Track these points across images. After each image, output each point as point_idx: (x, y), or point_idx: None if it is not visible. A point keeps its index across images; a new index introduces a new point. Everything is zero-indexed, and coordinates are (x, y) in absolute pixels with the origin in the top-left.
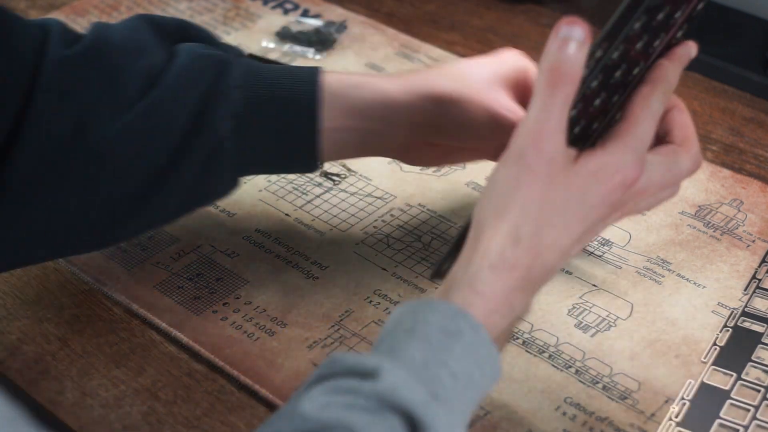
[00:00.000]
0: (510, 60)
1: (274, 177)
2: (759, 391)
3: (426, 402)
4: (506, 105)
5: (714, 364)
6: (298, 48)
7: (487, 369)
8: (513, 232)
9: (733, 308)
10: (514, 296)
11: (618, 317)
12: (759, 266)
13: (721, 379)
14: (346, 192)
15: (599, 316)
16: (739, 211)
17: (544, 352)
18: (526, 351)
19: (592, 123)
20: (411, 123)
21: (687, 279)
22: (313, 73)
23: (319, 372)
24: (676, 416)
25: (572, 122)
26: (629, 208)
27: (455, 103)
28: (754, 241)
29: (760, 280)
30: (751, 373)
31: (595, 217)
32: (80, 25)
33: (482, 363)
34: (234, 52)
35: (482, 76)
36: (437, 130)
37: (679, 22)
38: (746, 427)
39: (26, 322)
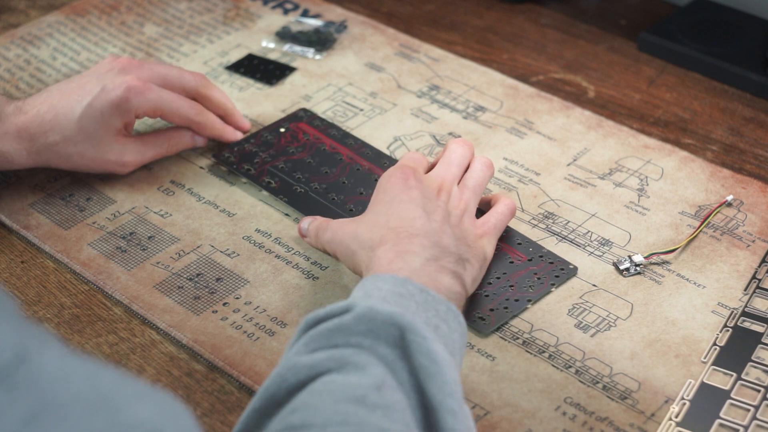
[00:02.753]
0: (118, 107)
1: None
2: (759, 391)
3: (403, 312)
4: (116, 161)
5: (714, 364)
6: (298, 48)
7: (451, 323)
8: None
9: (733, 308)
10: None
11: (618, 317)
12: (759, 266)
13: (721, 379)
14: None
15: (599, 316)
16: (739, 211)
17: (544, 352)
18: (526, 351)
19: None
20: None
21: (687, 279)
22: None
23: (299, 330)
24: (676, 416)
25: None
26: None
27: (68, 167)
28: (754, 241)
29: (760, 280)
30: (751, 373)
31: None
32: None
33: (444, 317)
34: None
35: (93, 137)
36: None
37: None
38: (746, 427)
39: None
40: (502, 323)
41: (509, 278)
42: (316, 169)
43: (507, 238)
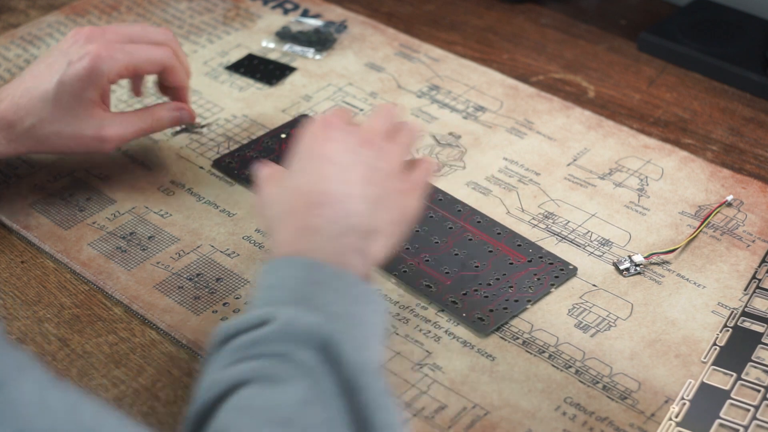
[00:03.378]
0: (88, 78)
1: None
2: (759, 391)
3: (324, 322)
4: (95, 135)
5: (714, 364)
6: (298, 48)
7: (372, 304)
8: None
9: (733, 308)
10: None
11: (618, 317)
12: (759, 266)
13: (721, 379)
14: None
15: (599, 316)
16: (739, 211)
17: (544, 352)
18: (526, 351)
19: None
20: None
21: (687, 279)
22: None
23: (213, 342)
24: (676, 416)
25: None
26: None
27: (45, 149)
28: (754, 241)
29: (760, 280)
30: (751, 373)
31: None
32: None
33: (364, 300)
34: None
35: (66, 113)
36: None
37: None
38: (746, 427)
39: (26, 322)
40: (502, 323)
41: (509, 279)
42: None
43: (507, 239)
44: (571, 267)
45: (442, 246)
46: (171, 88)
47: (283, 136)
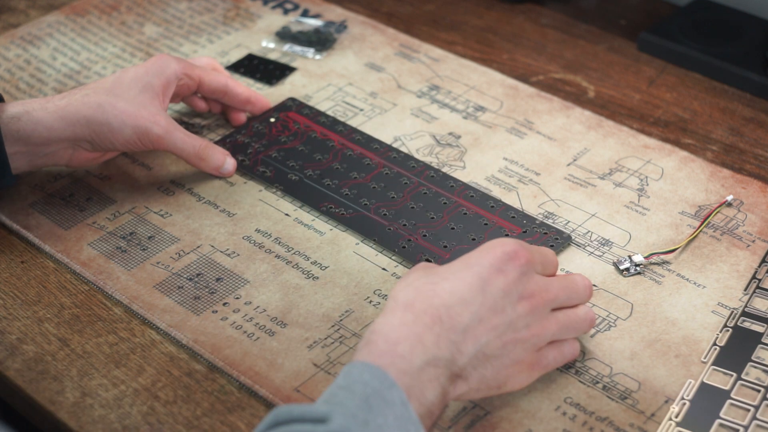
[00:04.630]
0: (158, 68)
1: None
2: (759, 391)
3: None
4: (149, 117)
5: (714, 364)
6: (298, 48)
7: None
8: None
9: (733, 308)
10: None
11: (618, 317)
12: (759, 266)
13: (721, 379)
14: None
15: (599, 316)
16: (739, 211)
17: None
18: None
19: None
20: (68, 142)
21: (687, 279)
22: None
23: (269, 420)
24: (676, 416)
25: None
26: (538, 307)
27: (102, 124)
28: (754, 241)
29: (760, 280)
30: (751, 373)
31: (493, 289)
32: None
33: None
34: None
35: (130, 92)
36: (92, 145)
37: None
38: (746, 427)
39: (26, 322)
40: None
41: None
42: (308, 157)
43: (500, 212)
44: (565, 235)
45: (439, 221)
46: (233, 109)
47: (273, 120)
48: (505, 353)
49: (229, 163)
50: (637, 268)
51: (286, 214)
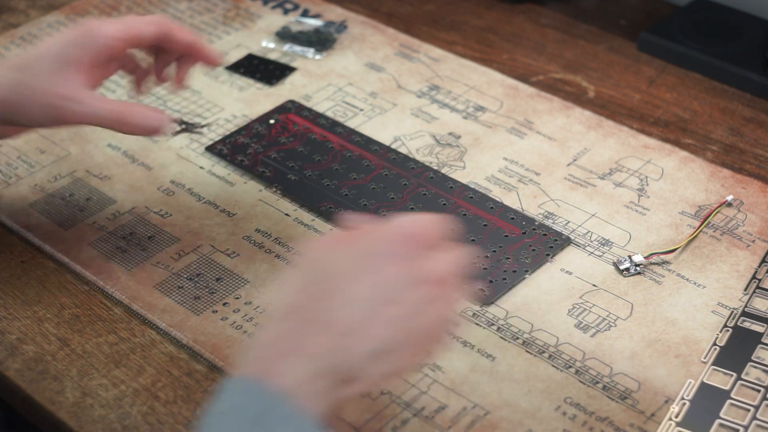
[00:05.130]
0: (76, 40)
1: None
2: (759, 391)
3: None
4: (65, 94)
5: (714, 364)
6: (298, 48)
7: None
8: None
9: (733, 308)
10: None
11: (618, 317)
12: (759, 266)
13: (721, 379)
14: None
15: (599, 316)
16: (739, 211)
17: (544, 352)
18: (526, 351)
19: None
20: None
21: (687, 279)
22: None
23: None
24: (676, 416)
25: None
26: (422, 267)
27: (14, 104)
28: (754, 241)
29: (760, 280)
30: (751, 373)
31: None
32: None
33: None
34: None
35: (44, 67)
36: (8, 122)
37: None
38: (746, 427)
39: (26, 322)
40: (502, 293)
41: (505, 251)
42: (308, 157)
43: (500, 213)
44: (564, 236)
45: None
46: (177, 53)
47: (272, 121)
48: (405, 342)
49: (156, 118)
50: (637, 268)
51: (286, 214)
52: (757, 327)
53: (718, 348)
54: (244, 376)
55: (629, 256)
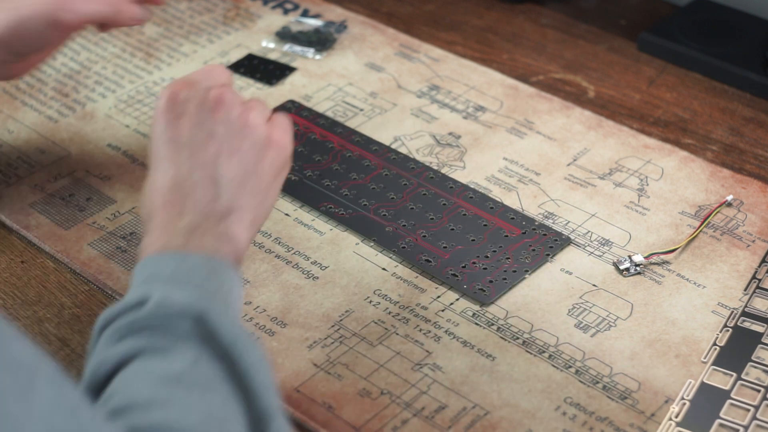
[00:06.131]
0: None
1: None
2: (759, 391)
3: (197, 298)
4: (58, 2)
5: (714, 364)
6: (298, 48)
7: (231, 281)
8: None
9: (733, 308)
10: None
11: (618, 317)
12: (759, 266)
13: (721, 379)
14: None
15: (599, 316)
16: (739, 211)
17: (544, 352)
18: (526, 351)
19: None
20: None
21: (687, 279)
22: None
23: (95, 331)
24: (676, 416)
25: None
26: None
27: (15, 28)
28: (754, 241)
29: (760, 280)
30: (751, 373)
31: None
32: None
33: (225, 278)
34: None
35: None
36: (13, 51)
37: None
38: (746, 427)
39: (26, 322)
40: (502, 293)
41: (505, 251)
42: (308, 158)
43: (500, 213)
44: (564, 236)
45: (438, 222)
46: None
47: None
48: (246, 158)
49: (141, 13)
50: (637, 268)
51: (286, 214)
52: (757, 327)
53: (718, 348)
54: (147, 254)
55: (629, 256)
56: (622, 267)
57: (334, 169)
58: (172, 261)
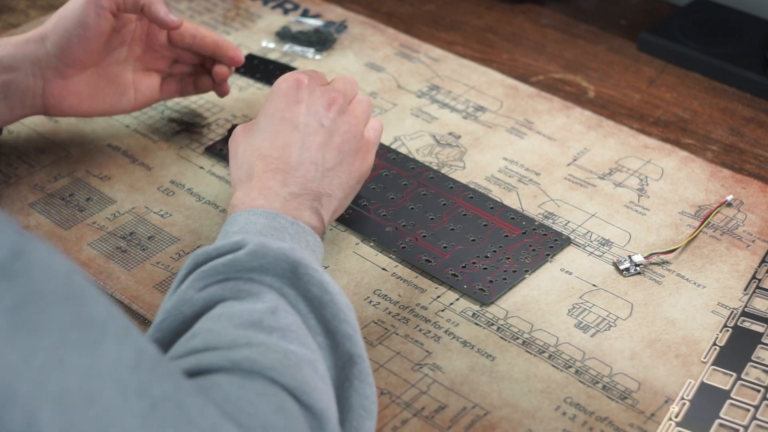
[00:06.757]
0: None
1: None
2: (759, 391)
3: (293, 248)
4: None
5: (714, 364)
6: (297, 48)
7: (318, 251)
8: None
9: (733, 308)
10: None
11: (618, 317)
12: (759, 266)
13: (721, 379)
14: None
15: (599, 316)
16: (739, 211)
17: (544, 352)
18: (526, 351)
19: None
20: (29, 62)
21: (687, 279)
22: None
23: (188, 264)
24: (676, 416)
25: None
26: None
27: (63, 18)
28: (754, 241)
29: (760, 280)
30: (751, 373)
31: (286, 108)
32: None
33: (313, 247)
34: None
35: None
36: (57, 57)
37: None
38: (746, 427)
39: None
40: (502, 293)
41: (505, 251)
42: None
43: (500, 213)
44: (564, 236)
45: (438, 222)
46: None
47: None
48: (344, 155)
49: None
50: (637, 268)
51: None
52: (757, 327)
53: (718, 348)
54: (240, 209)
55: (629, 256)
56: (622, 267)
57: None
58: (265, 217)
